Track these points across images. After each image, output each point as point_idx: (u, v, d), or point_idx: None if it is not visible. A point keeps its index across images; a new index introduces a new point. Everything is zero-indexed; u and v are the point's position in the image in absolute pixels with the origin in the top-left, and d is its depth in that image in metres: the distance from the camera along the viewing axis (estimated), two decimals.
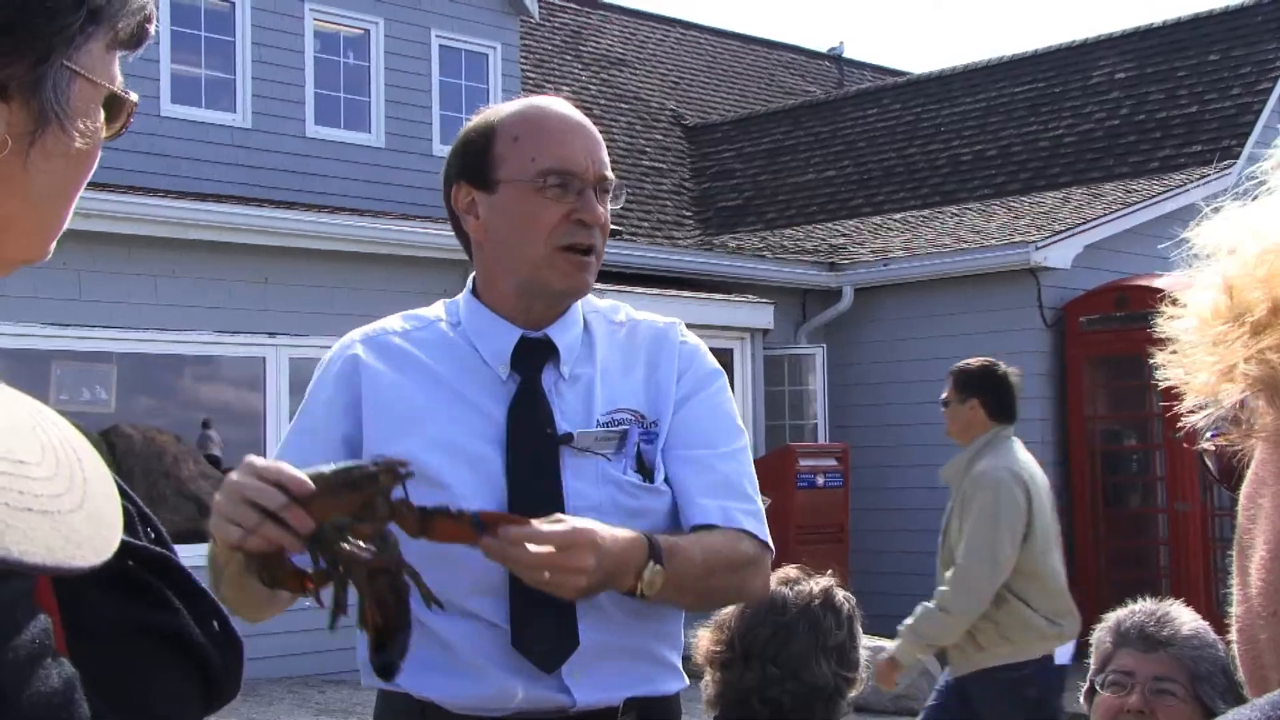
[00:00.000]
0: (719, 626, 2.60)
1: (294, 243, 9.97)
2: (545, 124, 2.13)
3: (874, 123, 16.58)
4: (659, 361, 2.24)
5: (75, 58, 1.02)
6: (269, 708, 8.41)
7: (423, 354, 2.15)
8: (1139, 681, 2.47)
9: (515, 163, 2.10)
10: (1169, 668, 2.46)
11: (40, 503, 0.74)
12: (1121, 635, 2.53)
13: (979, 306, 11.96)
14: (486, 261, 2.19)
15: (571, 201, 2.09)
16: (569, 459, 2.09)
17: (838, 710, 2.61)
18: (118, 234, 9.07)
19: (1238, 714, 0.64)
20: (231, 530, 1.67)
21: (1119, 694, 2.48)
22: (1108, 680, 2.50)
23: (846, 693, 2.61)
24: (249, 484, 1.67)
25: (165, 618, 0.98)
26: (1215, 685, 2.46)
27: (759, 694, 2.55)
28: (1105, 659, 2.54)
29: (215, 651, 1.02)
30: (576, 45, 18.36)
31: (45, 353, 9.15)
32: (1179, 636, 2.49)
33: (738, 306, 12.13)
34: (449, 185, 2.20)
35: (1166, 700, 2.44)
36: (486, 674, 2.02)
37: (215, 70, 12.17)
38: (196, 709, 1.04)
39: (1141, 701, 2.45)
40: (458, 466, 2.04)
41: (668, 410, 2.21)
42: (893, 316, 12.53)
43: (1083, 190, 13.52)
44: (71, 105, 1.02)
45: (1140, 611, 2.55)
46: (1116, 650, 2.53)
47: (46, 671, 0.77)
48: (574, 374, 2.17)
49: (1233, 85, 13.74)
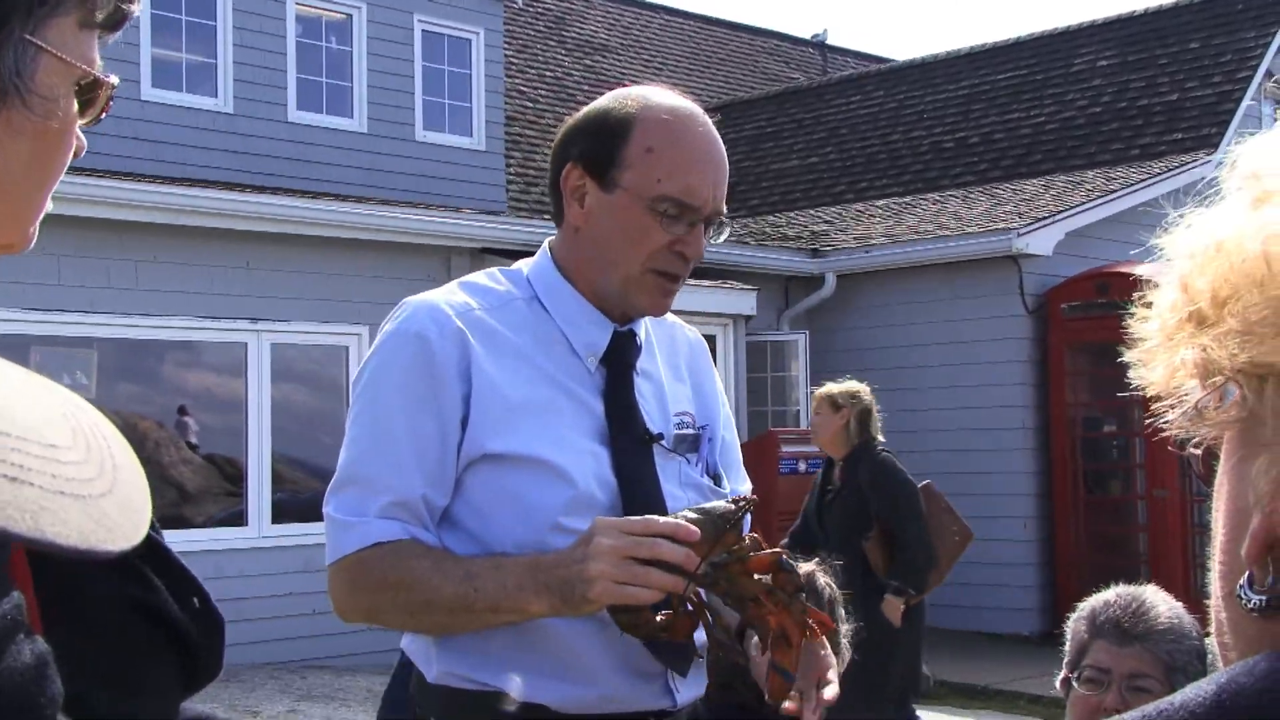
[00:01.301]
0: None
1: (276, 228, 9.94)
2: (683, 145, 2.06)
3: (857, 109, 16.59)
4: (701, 369, 2.29)
5: (40, 33, 1.00)
6: (251, 693, 8.40)
7: (513, 336, 2.04)
8: (1115, 680, 2.45)
9: (641, 174, 2.03)
10: (1145, 664, 2.44)
11: (73, 486, 0.73)
12: (1096, 627, 2.50)
13: (961, 293, 11.99)
14: (578, 248, 2.10)
15: (680, 232, 2.04)
16: (659, 459, 2.08)
17: None
18: (98, 219, 9.03)
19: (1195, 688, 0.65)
20: (631, 591, 1.76)
21: (1095, 692, 2.46)
22: (1083, 676, 2.48)
23: None
24: (631, 543, 1.76)
25: (145, 594, 0.98)
26: (1190, 674, 2.44)
27: (743, 677, 2.56)
28: (1080, 650, 2.52)
29: (196, 629, 1.02)
30: (560, 31, 18.32)
31: (25, 337, 9.11)
32: (1154, 630, 2.46)
33: (720, 293, 12.13)
34: (564, 159, 2.10)
35: (1142, 697, 2.42)
36: (598, 676, 1.99)
37: (197, 54, 12.11)
38: (177, 683, 1.04)
39: (1118, 700, 2.43)
40: (582, 461, 2.00)
41: (717, 419, 2.25)
42: (875, 303, 12.55)
43: (1065, 177, 13.55)
44: (36, 81, 1.00)
45: (1115, 603, 2.51)
46: (1091, 641, 2.50)
47: (18, 648, 0.77)
48: (645, 371, 2.16)
49: (1213, 73, 13.77)
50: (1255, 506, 0.70)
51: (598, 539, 1.80)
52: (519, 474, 1.97)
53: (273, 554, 9.67)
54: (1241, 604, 0.72)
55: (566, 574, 1.81)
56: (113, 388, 9.80)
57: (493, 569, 1.90)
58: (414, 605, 1.91)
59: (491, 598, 1.87)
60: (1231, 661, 0.72)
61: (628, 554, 1.76)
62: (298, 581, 9.49)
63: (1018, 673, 9.76)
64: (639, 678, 2.01)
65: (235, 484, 9.97)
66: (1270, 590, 0.70)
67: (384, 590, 1.93)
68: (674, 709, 2.06)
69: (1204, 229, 0.73)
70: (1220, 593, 0.74)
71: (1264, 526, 0.69)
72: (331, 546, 1.99)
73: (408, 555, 1.93)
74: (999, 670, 10.06)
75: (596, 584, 1.77)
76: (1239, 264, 0.69)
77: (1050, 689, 2.61)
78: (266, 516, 9.84)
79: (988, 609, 11.68)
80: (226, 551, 9.53)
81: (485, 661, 1.97)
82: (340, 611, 2.02)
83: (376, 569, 1.93)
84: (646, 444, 2.07)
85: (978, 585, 11.75)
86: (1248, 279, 0.69)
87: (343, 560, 1.96)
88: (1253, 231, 0.70)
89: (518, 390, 2.00)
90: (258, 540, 9.74)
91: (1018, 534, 11.67)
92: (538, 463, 1.97)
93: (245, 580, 9.40)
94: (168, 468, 9.96)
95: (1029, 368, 11.77)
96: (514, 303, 2.09)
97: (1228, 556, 0.74)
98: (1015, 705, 9.11)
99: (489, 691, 1.96)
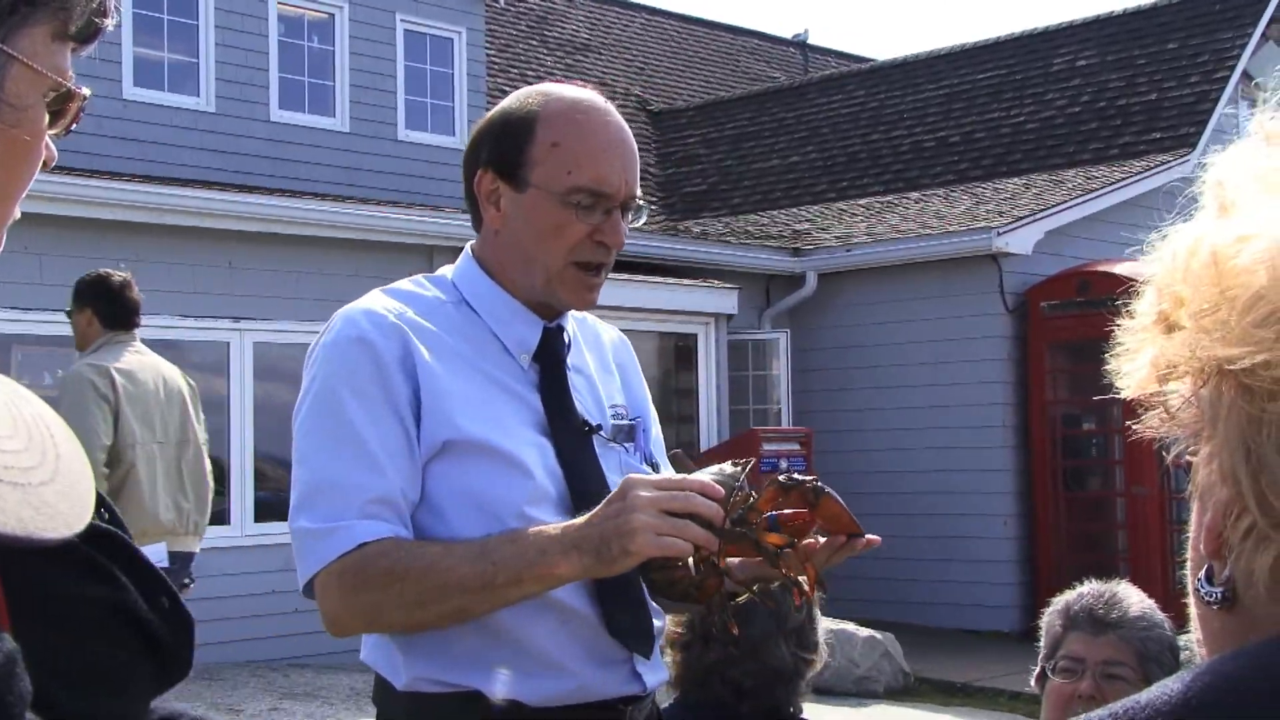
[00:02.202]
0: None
1: (259, 227, 9.91)
2: (588, 135, 2.05)
3: (838, 109, 16.61)
4: (626, 363, 2.30)
5: (12, 41, 1.00)
6: (233, 692, 8.38)
7: (447, 338, 2.04)
8: (1089, 667, 2.48)
9: (550, 170, 2.03)
10: (1118, 651, 2.47)
11: (11, 475, 0.73)
12: (1070, 619, 2.54)
13: (941, 292, 12.02)
14: (499, 249, 2.11)
15: (597, 220, 2.04)
16: (599, 449, 2.09)
17: (796, 690, 2.62)
18: (80, 218, 9.00)
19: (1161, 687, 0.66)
20: (670, 542, 1.77)
21: (1070, 680, 2.49)
22: (1058, 666, 2.51)
23: (805, 673, 2.63)
24: (667, 496, 1.79)
25: (112, 593, 0.98)
26: (1163, 664, 2.48)
27: (719, 674, 2.57)
28: (1055, 642, 2.55)
29: (166, 628, 1.02)
30: (542, 30, 18.31)
31: (6, 336, 9.08)
32: (1127, 618, 2.50)
33: (702, 292, 12.14)
34: (474, 167, 2.10)
35: (1116, 685, 2.46)
36: (567, 668, 1.99)
37: (178, 54, 12.08)
38: (146, 683, 1.03)
39: (1092, 687, 2.46)
40: (529, 453, 2.00)
41: (646, 411, 2.26)
42: (856, 302, 12.57)
43: (1044, 176, 13.59)
44: (5, 89, 1.00)
45: (1088, 594, 2.56)
46: (1066, 634, 2.54)
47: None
48: (576, 366, 2.17)
49: (1191, 73, 13.83)
50: (1206, 500, 0.71)
51: (634, 493, 1.79)
52: (477, 469, 1.96)
53: (255, 553, 9.65)
54: (1202, 599, 0.73)
55: (602, 530, 1.79)
56: None
57: (509, 542, 1.87)
58: (426, 594, 1.86)
59: (513, 569, 1.84)
60: (1204, 658, 0.73)
61: (664, 507, 1.77)
62: (280, 580, 9.46)
63: (998, 669, 9.79)
64: (606, 666, 2.02)
65: (218, 483, 9.94)
66: (1225, 584, 0.70)
67: (390, 584, 1.87)
68: (644, 693, 2.07)
69: (1176, 236, 0.75)
70: (1190, 589, 0.76)
71: (1213, 517, 0.70)
72: (311, 558, 1.93)
73: (408, 546, 1.90)
74: (979, 667, 10.08)
75: (639, 535, 1.76)
76: (1195, 269, 0.71)
77: (1030, 685, 2.63)
78: (249, 515, 9.82)
79: (968, 606, 11.71)
80: (209, 550, 9.50)
81: (454, 663, 1.95)
82: (335, 622, 1.94)
83: (376, 565, 1.88)
84: (586, 435, 2.08)
85: (958, 582, 11.79)
86: (1201, 282, 0.71)
87: (330, 566, 1.90)
88: (1209, 239, 0.72)
89: (459, 386, 1.99)
90: (240, 539, 9.72)
91: (998, 531, 11.71)
92: (494, 452, 1.97)
93: (227, 579, 9.38)
94: None
95: (1009, 366, 11.80)
96: (443, 306, 2.09)
97: (1193, 552, 0.75)
98: (995, 702, 9.13)
99: (462, 692, 1.95)
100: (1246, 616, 0.70)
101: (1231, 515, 0.69)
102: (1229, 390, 0.68)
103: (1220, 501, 0.70)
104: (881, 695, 9.28)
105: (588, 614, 2.00)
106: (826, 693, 8.76)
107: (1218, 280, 0.70)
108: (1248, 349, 0.67)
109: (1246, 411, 0.68)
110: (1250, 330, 0.67)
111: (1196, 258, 0.72)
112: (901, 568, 11.82)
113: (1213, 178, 0.75)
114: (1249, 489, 0.67)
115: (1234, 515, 0.69)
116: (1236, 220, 0.71)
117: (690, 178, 16.80)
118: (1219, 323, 0.69)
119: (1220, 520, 0.70)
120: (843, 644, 9.11)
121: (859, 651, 9.34)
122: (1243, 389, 0.68)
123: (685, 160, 17.12)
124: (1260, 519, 0.67)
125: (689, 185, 16.66)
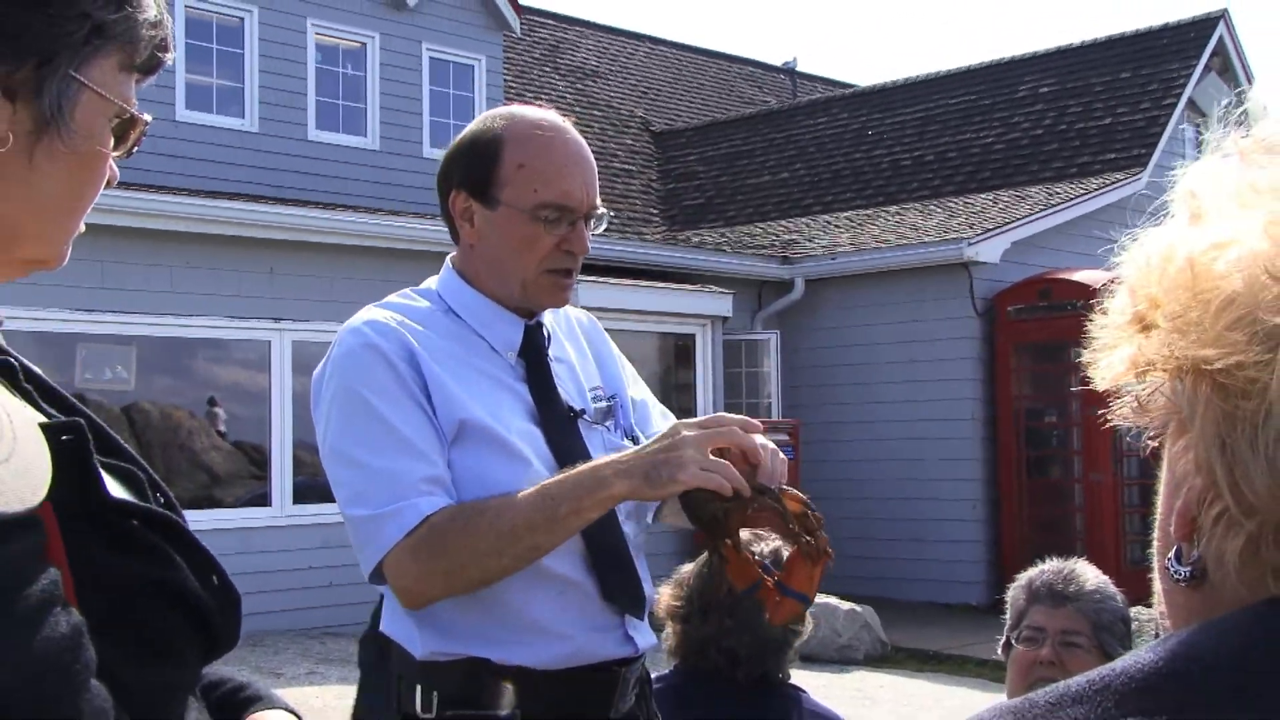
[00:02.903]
0: (678, 584, 2.61)
1: (297, 236, 9.92)
2: (550, 155, 2.05)
3: (824, 130, 16.59)
4: (596, 341, 2.29)
5: (84, 70, 1.01)
6: (274, 656, 8.40)
7: (441, 342, 2.04)
8: (1049, 636, 2.51)
9: (518, 189, 2.03)
10: (1075, 622, 2.51)
11: None
12: (1033, 593, 2.57)
13: (917, 296, 12.01)
14: (476, 262, 2.11)
15: (564, 232, 2.05)
16: (584, 431, 2.10)
17: (785, 658, 2.63)
18: (138, 228, 9.02)
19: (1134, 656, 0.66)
20: (713, 477, 1.79)
21: (1032, 648, 2.52)
22: (1022, 635, 2.55)
23: (794, 643, 2.63)
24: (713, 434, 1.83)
25: (168, 572, 0.98)
26: (1115, 633, 2.51)
27: (715, 644, 2.57)
28: (1019, 615, 2.58)
29: (214, 605, 1.02)
30: (554, 58, 18.30)
31: (71, 335, 9.09)
32: (1083, 593, 2.53)
33: (700, 296, 12.14)
34: (447, 188, 2.11)
35: (1074, 651, 2.49)
36: (565, 635, 1.99)
37: (226, 79, 12.09)
38: (196, 655, 1.04)
39: (1052, 654, 2.49)
40: (524, 441, 2.00)
41: (623, 386, 2.26)
42: (840, 305, 12.56)
43: (1010, 193, 13.57)
44: (76, 113, 1.01)
45: (1048, 571, 2.59)
46: (1029, 607, 2.57)
47: (55, 619, 0.77)
48: (557, 356, 2.17)
49: (1142, 100, 13.81)
50: (1179, 487, 0.71)
51: (684, 433, 1.83)
52: (485, 456, 1.97)
53: (294, 531, 9.66)
54: (1171, 577, 0.73)
55: (653, 459, 1.82)
56: (150, 381, 9.78)
57: (560, 480, 1.88)
58: (500, 541, 1.85)
59: (573, 497, 1.84)
60: (1168, 631, 0.73)
61: (711, 444, 1.81)
62: (316, 556, 9.48)
63: (967, 639, 9.79)
64: (600, 631, 2.03)
65: (260, 468, 9.95)
66: (1194, 564, 0.71)
67: (464, 542, 1.86)
68: (636, 654, 2.07)
69: (1149, 241, 0.75)
70: (1157, 567, 0.76)
71: (1185, 503, 0.71)
72: (378, 541, 1.89)
73: (469, 506, 1.90)
74: (950, 636, 10.08)
75: (688, 467, 1.78)
76: (1171, 273, 0.71)
77: (996, 653, 2.65)
78: (288, 497, 9.83)
79: (940, 581, 11.71)
80: (252, 529, 9.52)
81: (464, 635, 1.96)
82: (412, 593, 1.91)
83: (448, 529, 1.87)
84: (572, 420, 2.09)
85: (931, 560, 11.79)
86: (1177, 285, 0.70)
87: (401, 543, 1.87)
88: (1184, 245, 0.71)
89: (466, 386, 2.00)
90: (281, 519, 9.72)
91: (967, 514, 11.70)
92: (496, 440, 1.97)
93: (269, 555, 9.39)
94: (199, 453, 9.95)
95: (978, 364, 11.79)
96: (433, 314, 2.09)
97: (1162, 534, 0.75)
98: (964, 668, 9.13)
99: (474, 659, 1.96)
100: (1213, 594, 0.70)
101: (1205, 502, 0.69)
102: (1205, 388, 0.68)
103: (1195, 489, 0.70)
104: (862, 662, 9.28)
105: (583, 582, 2.00)
106: (812, 660, 8.77)
107: (1193, 284, 0.69)
108: (1222, 350, 0.67)
109: (1221, 408, 0.68)
110: (1223, 333, 0.67)
111: (1172, 263, 0.71)
112: (880, 547, 11.83)
113: (1184, 188, 0.75)
114: (1223, 479, 0.67)
115: (1207, 502, 0.69)
116: (1210, 228, 0.71)
117: (689, 192, 16.78)
118: (1194, 324, 0.68)
119: (1194, 506, 0.70)
120: (827, 616, 9.13)
121: (841, 623, 9.34)
122: (1218, 387, 0.67)
123: (685, 176, 17.11)
124: (1233, 507, 0.67)
125: (688, 199, 16.65)
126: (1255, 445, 0.66)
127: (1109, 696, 0.63)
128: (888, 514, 11.86)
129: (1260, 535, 0.67)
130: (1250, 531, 0.67)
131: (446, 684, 1.97)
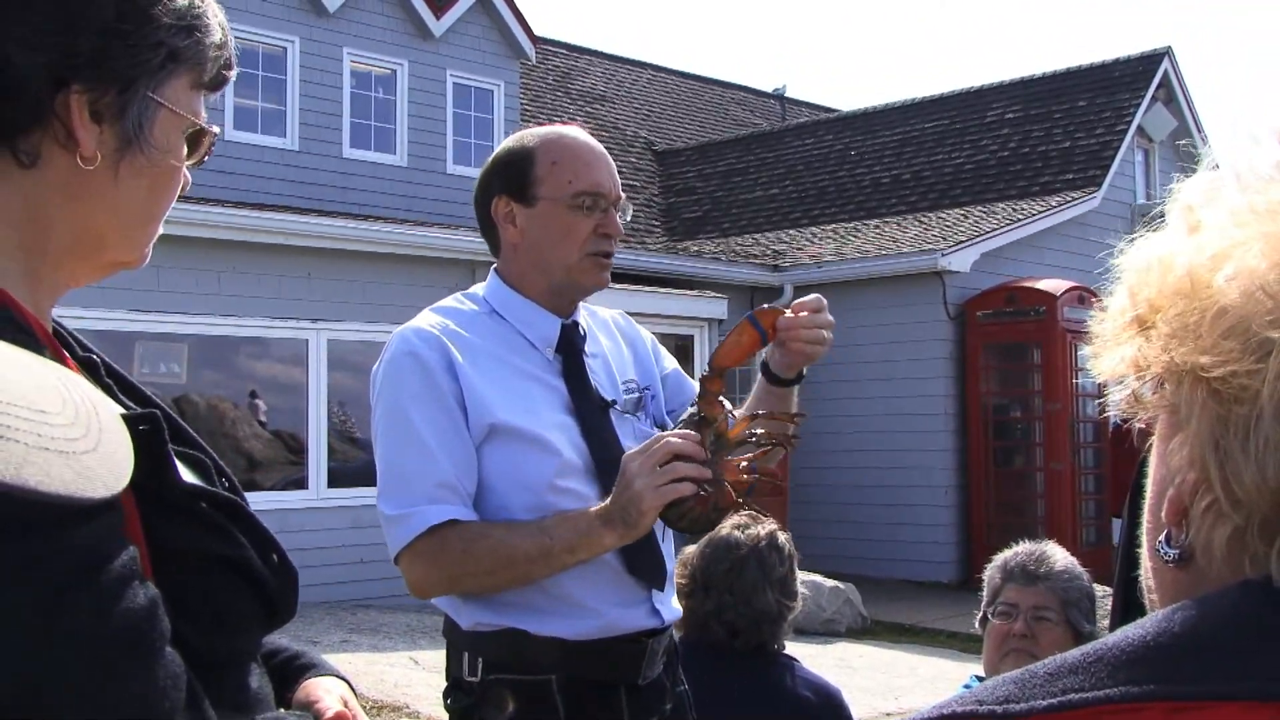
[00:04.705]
0: (683, 563, 2.61)
1: (333, 245, 9.91)
2: (578, 152, 2.09)
3: (811, 151, 16.58)
4: (631, 336, 2.30)
5: (160, 91, 1.01)
6: (311, 627, 8.40)
7: (484, 342, 2.05)
8: (1022, 611, 2.51)
9: (554, 184, 2.06)
10: (1045, 599, 2.51)
11: (57, 444, 0.73)
12: (1007, 572, 2.57)
13: (895, 302, 12.00)
14: (520, 262, 2.11)
15: (599, 218, 2.07)
16: (615, 421, 2.10)
17: (780, 630, 2.63)
18: (190, 237, 9.01)
19: (1124, 631, 0.66)
20: (671, 488, 1.80)
21: (1006, 622, 2.52)
22: (997, 610, 2.55)
23: (787, 616, 2.63)
24: (651, 454, 1.82)
25: (234, 550, 0.98)
26: (1082, 609, 2.52)
27: (716, 617, 2.57)
28: (995, 592, 2.58)
29: (274, 580, 1.02)
30: (566, 84, 18.29)
31: (129, 334, 9.09)
32: (1053, 572, 2.53)
33: (698, 300, 12.13)
34: (488, 197, 2.12)
35: (1044, 625, 2.49)
36: (596, 609, 1.99)
37: (270, 102, 12.09)
38: (259, 625, 1.04)
39: (1025, 627, 2.49)
40: (554, 433, 2.00)
41: (656, 377, 2.26)
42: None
43: (980, 208, 13.56)
44: (155, 131, 1.01)
45: (1021, 552, 2.59)
46: (1004, 585, 2.57)
47: (134, 591, 0.77)
48: (592, 352, 2.17)
49: (1097, 126, 13.81)
50: (1173, 478, 0.71)
51: (626, 466, 1.83)
52: (515, 452, 1.96)
53: (328, 513, 9.65)
54: (1160, 557, 0.73)
55: (621, 503, 1.83)
56: (199, 375, 9.78)
57: (560, 521, 1.90)
58: (496, 565, 1.89)
59: (567, 541, 1.88)
60: (1155, 606, 0.73)
61: (652, 463, 1.81)
62: (348, 535, 9.48)
63: (939, 613, 9.79)
64: (628, 605, 2.03)
65: (297, 455, 9.94)
66: (1182, 546, 0.71)
67: (464, 560, 1.90)
68: (663, 626, 2.08)
69: (1149, 248, 0.73)
70: (1147, 548, 0.75)
71: (1178, 493, 0.70)
72: (394, 539, 1.94)
73: (476, 528, 1.92)
74: (923, 611, 10.08)
75: (645, 497, 1.80)
76: (1171, 280, 0.70)
77: (966, 626, 2.66)
78: (323, 482, 9.82)
79: (914, 561, 11.70)
80: (290, 510, 9.51)
81: (504, 608, 1.97)
82: (419, 588, 1.96)
83: (452, 545, 1.90)
84: (604, 410, 2.09)
85: (906, 542, 11.79)
86: (1176, 293, 0.70)
87: (413, 545, 1.91)
88: (1183, 254, 0.70)
89: (496, 383, 2.00)
90: (316, 501, 9.72)
91: (939, 500, 11.70)
92: (526, 437, 1.97)
93: (305, 534, 9.38)
94: (242, 441, 9.94)
95: (950, 364, 11.78)
96: (479, 317, 2.09)
97: (1153, 518, 0.74)
98: (936, 640, 9.13)
99: (513, 629, 1.98)
100: (1198, 574, 0.70)
101: (1197, 494, 0.69)
102: (1200, 392, 0.68)
103: (1188, 481, 0.69)
104: (844, 634, 9.27)
105: (610, 559, 2.00)
106: (798, 632, 8.73)
107: (1192, 293, 0.68)
108: (1217, 358, 0.66)
109: (1216, 411, 0.67)
110: (1219, 341, 0.66)
111: (1172, 271, 0.70)
112: (860, 529, 11.83)
113: (1182, 201, 0.74)
114: (1215, 475, 0.67)
115: (1199, 493, 0.69)
116: (1208, 242, 0.70)
117: (688, 206, 16.77)
118: (1191, 331, 0.68)
119: (1186, 497, 0.70)
120: (812, 592, 9.12)
121: (825, 598, 9.33)
122: (1212, 391, 0.67)
123: (684, 191, 17.10)
124: (1223, 501, 0.67)
125: (686, 212, 16.64)
126: (1246, 448, 0.66)
127: (1102, 667, 0.63)
128: (868, 499, 11.86)
129: (1246, 527, 0.67)
130: (1237, 523, 0.67)
131: (489, 651, 1.99)
